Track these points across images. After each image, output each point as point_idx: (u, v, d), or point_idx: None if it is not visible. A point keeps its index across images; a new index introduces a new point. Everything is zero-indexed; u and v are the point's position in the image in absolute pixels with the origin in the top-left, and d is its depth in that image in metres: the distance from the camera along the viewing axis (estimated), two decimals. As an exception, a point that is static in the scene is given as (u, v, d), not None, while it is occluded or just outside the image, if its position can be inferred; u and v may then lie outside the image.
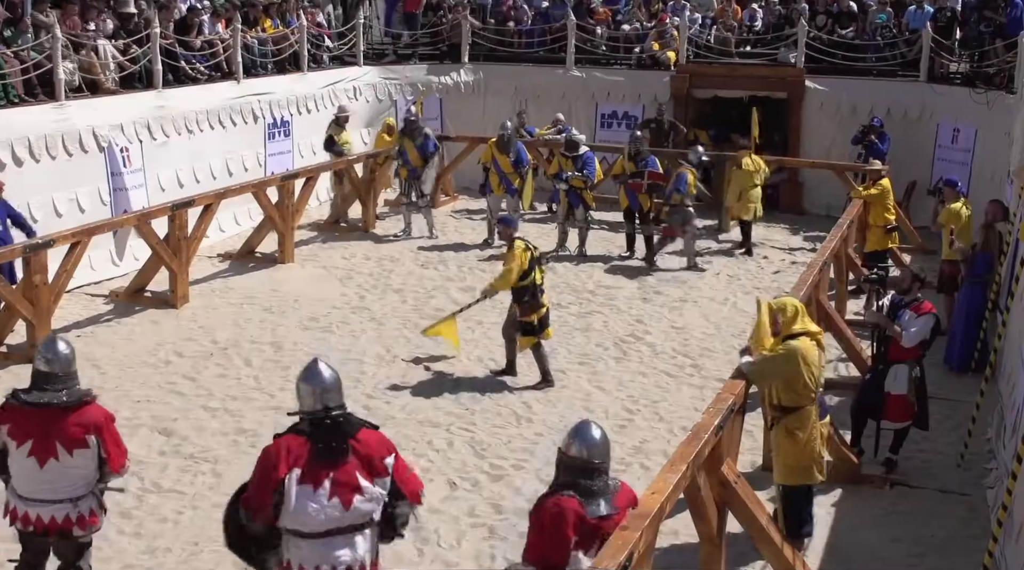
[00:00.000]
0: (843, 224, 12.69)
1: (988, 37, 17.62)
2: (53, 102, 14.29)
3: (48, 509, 6.09)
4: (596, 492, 5.17)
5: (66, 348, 6.19)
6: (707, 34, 21.06)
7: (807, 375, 7.30)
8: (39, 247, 11.45)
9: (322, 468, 5.29)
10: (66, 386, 6.11)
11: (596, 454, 5.22)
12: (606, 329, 12.94)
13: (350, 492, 5.32)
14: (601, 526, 5.10)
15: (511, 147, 16.48)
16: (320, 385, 5.43)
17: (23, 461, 6.03)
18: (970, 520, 8.40)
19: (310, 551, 5.35)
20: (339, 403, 5.47)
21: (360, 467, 5.35)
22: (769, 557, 6.93)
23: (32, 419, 5.99)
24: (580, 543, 5.09)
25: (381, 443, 5.48)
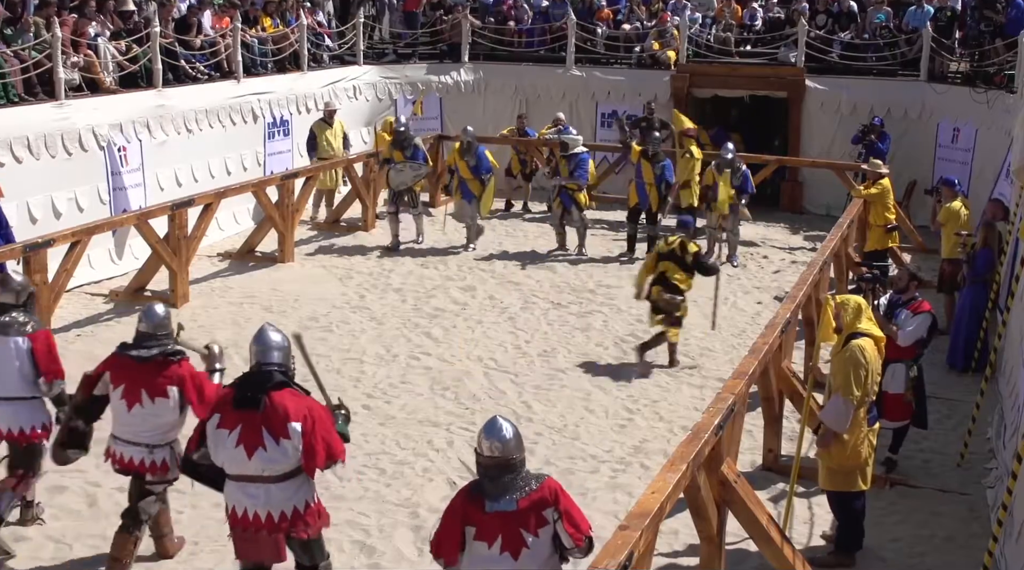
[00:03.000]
0: (843, 223, 12.69)
1: (988, 36, 17.62)
2: (53, 101, 14.28)
3: (129, 450, 7.08)
4: (502, 488, 5.30)
5: (162, 312, 7.16)
6: (707, 33, 21.06)
7: (867, 377, 7.35)
8: (39, 246, 11.44)
9: (235, 417, 5.96)
10: (159, 344, 7.04)
11: (499, 452, 5.33)
12: (606, 329, 12.94)
13: (253, 444, 5.91)
14: (504, 520, 5.24)
15: (472, 153, 16.14)
16: (259, 344, 6.10)
17: (117, 403, 7.03)
18: (970, 520, 8.40)
19: (230, 490, 6.12)
20: (276, 362, 6.08)
21: (266, 423, 5.91)
22: (769, 557, 6.92)
23: (127, 368, 6.99)
24: (481, 533, 5.27)
25: (295, 409, 5.94)
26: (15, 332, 7.51)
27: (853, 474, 7.52)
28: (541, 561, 5.32)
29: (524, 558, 5.27)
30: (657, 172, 15.77)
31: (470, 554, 5.35)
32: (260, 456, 5.94)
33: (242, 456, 5.96)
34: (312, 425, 5.97)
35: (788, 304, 9.22)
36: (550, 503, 5.30)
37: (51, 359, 7.56)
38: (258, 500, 6.02)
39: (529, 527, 5.26)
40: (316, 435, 5.97)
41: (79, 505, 8.31)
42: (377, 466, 9.10)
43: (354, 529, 8.04)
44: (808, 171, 19.27)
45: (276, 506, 6.04)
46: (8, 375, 7.47)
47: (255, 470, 5.97)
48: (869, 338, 7.49)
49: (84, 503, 8.34)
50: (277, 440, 5.92)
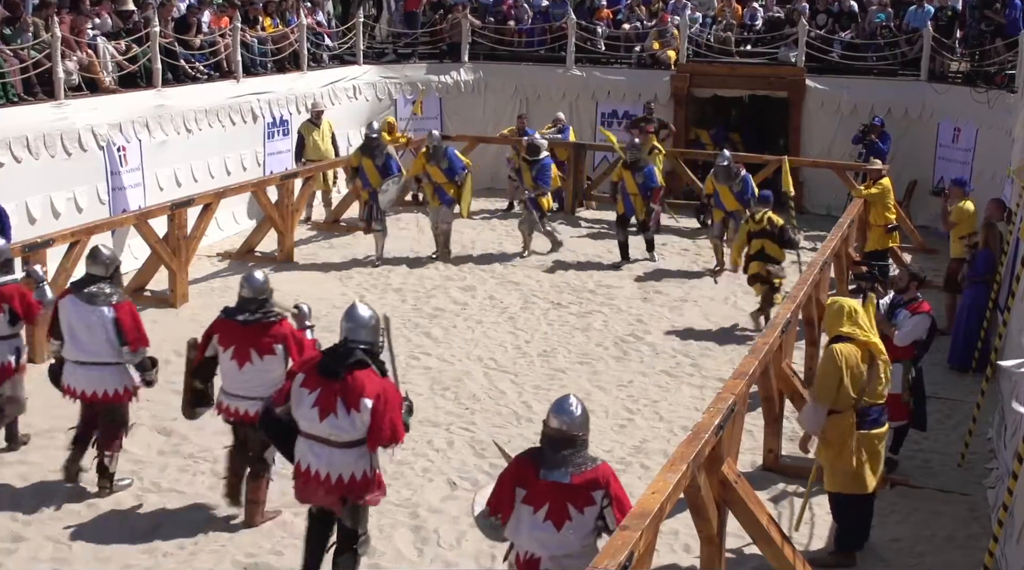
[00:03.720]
0: (844, 223, 12.68)
1: (988, 36, 17.61)
2: (52, 101, 14.27)
3: (243, 403, 7.72)
4: (559, 461, 5.58)
5: (261, 277, 7.88)
6: (707, 33, 21.05)
7: (846, 379, 7.31)
8: (38, 246, 11.43)
9: (317, 381, 6.51)
10: (260, 307, 7.74)
11: (565, 425, 5.66)
12: (606, 329, 12.93)
13: (327, 409, 6.44)
14: (554, 490, 5.52)
15: (441, 156, 15.49)
16: (349, 321, 6.64)
17: (228, 363, 7.72)
18: (970, 520, 8.40)
19: (300, 445, 6.63)
20: (362, 340, 6.57)
21: (342, 394, 6.43)
22: (769, 557, 6.91)
23: (235, 331, 7.69)
24: (530, 498, 5.58)
25: (371, 387, 6.44)
26: (102, 302, 8.17)
27: (848, 477, 7.50)
28: (580, 537, 5.55)
29: (564, 530, 5.52)
30: (639, 180, 15.54)
31: (516, 516, 5.63)
32: (330, 421, 6.47)
33: (315, 417, 6.49)
34: (383, 405, 6.46)
35: (788, 304, 9.22)
36: (601, 486, 5.54)
37: (135, 328, 8.26)
38: (321, 460, 6.54)
39: (576, 503, 5.51)
40: (385, 415, 6.46)
41: (78, 505, 8.30)
42: (377, 466, 9.08)
43: (354, 529, 8.03)
44: (808, 171, 19.24)
45: (336, 469, 6.53)
46: (95, 342, 8.16)
47: (324, 432, 6.51)
48: (851, 343, 7.42)
49: (83, 503, 8.33)
50: (348, 411, 6.44)
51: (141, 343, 8.28)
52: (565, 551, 5.53)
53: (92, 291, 8.20)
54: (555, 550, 5.55)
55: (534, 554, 5.60)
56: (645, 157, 16.05)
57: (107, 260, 8.42)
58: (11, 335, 8.81)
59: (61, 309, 8.30)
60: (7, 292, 8.72)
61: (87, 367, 8.21)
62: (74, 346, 8.23)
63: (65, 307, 8.27)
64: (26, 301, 8.82)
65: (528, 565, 5.62)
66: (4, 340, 8.75)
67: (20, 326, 8.85)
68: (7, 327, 8.73)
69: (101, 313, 8.14)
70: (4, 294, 8.70)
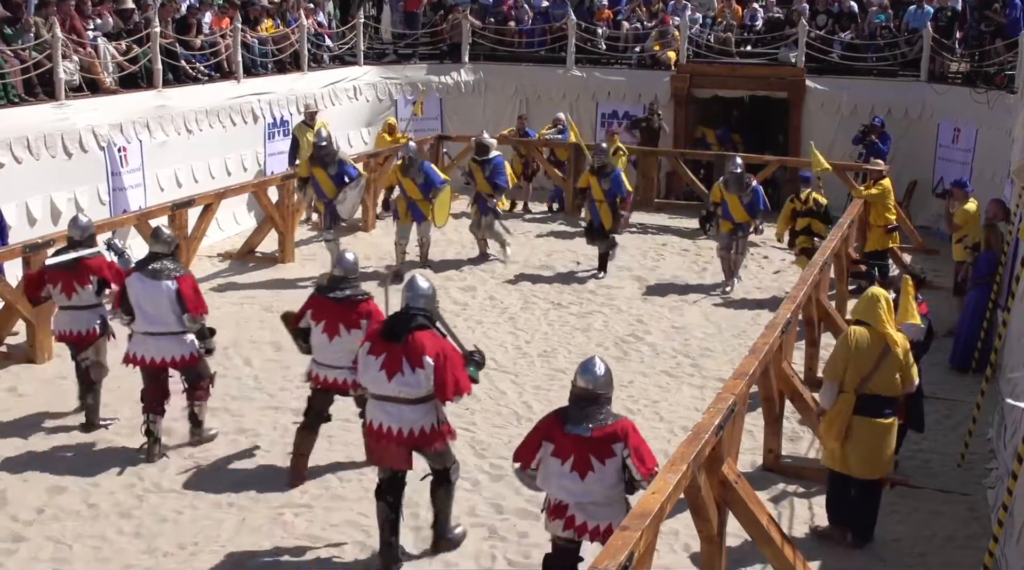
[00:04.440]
0: (844, 224, 12.68)
1: (988, 37, 17.61)
2: (53, 101, 14.28)
3: (332, 372, 8.42)
4: (583, 417, 6.22)
5: (352, 259, 8.61)
6: (707, 34, 21.06)
7: (845, 360, 7.60)
8: (39, 247, 11.43)
9: (382, 346, 7.16)
10: (350, 286, 8.46)
11: (589, 384, 6.32)
12: (606, 329, 12.93)
13: (393, 370, 7.08)
14: (577, 443, 6.14)
15: (416, 169, 14.67)
16: (410, 291, 7.36)
17: (319, 336, 8.37)
18: (970, 520, 8.40)
19: (370, 407, 7.29)
20: (421, 307, 7.26)
21: (405, 354, 7.04)
22: (770, 557, 6.92)
23: (326, 306, 8.37)
24: (557, 451, 6.20)
25: (431, 346, 7.11)
26: (166, 277, 8.98)
27: (830, 453, 7.86)
28: (605, 487, 6.15)
29: (589, 480, 6.12)
30: (605, 186, 14.79)
31: (545, 468, 6.28)
32: (397, 380, 7.09)
33: (383, 379, 7.12)
34: (444, 362, 7.10)
35: (788, 304, 9.21)
36: (620, 439, 6.13)
37: (196, 298, 9.12)
38: (392, 417, 7.16)
39: (598, 455, 6.11)
40: (447, 370, 7.10)
41: (78, 505, 8.31)
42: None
43: (355, 529, 8.03)
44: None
45: (407, 424, 7.15)
46: (161, 313, 8.96)
47: (392, 392, 7.12)
48: (867, 329, 7.61)
49: (83, 503, 8.35)
50: (414, 369, 7.07)
51: (200, 311, 9.10)
52: (590, 499, 6.16)
53: (156, 267, 9.00)
54: (580, 497, 6.19)
55: (562, 501, 6.26)
56: (612, 162, 15.49)
57: (168, 239, 9.25)
58: (96, 304, 9.74)
59: (129, 287, 9.05)
60: (95, 264, 9.70)
61: (156, 337, 9.01)
62: (143, 319, 9.00)
63: (132, 284, 9.04)
64: (115, 270, 9.73)
65: (556, 510, 6.30)
66: (90, 308, 9.70)
67: (104, 296, 9.74)
68: (93, 296, 9.69)
69: (166, 286, 8.95)
70: (92, 266, 9.68)
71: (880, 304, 7.69)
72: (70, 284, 9.59)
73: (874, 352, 7.58)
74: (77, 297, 9.63)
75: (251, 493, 8.58)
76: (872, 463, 7.77)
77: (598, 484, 6.13)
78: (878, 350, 7.59)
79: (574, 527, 6.23)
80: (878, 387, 7.61)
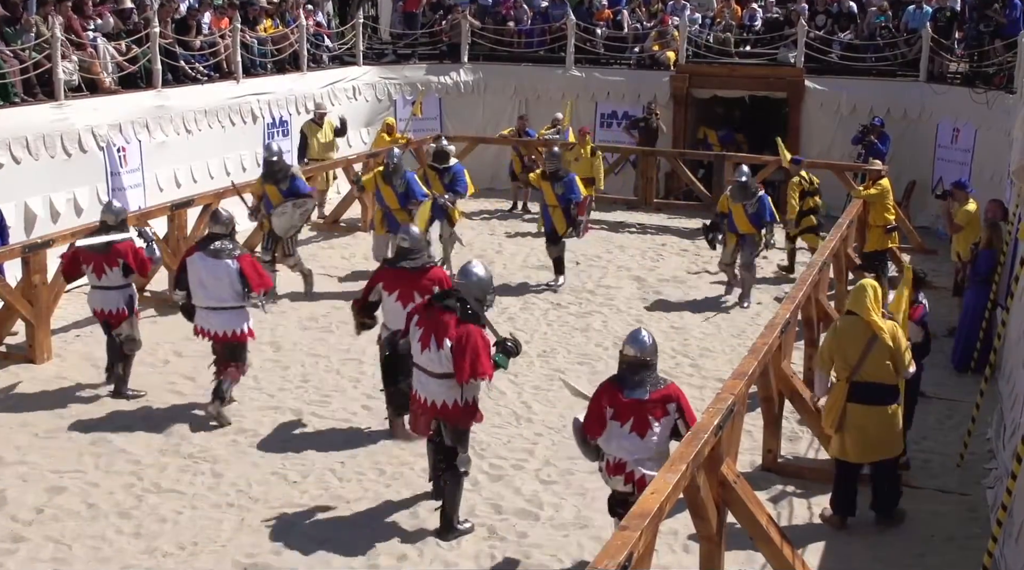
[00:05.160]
0: (843, 224, 12.68)
1: (988, 37, 17.62)
2: (52, 102, 14.28)
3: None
4: (638, 382, 6.92)
5: (416, 231, 9.27)
6: (706, 34, 21.07)
7: (831, 348, 7.96)
8: (38, 247, 11.44)
9: (425, 323, 7.72)
10: (419, 256, 9.02)
11: (639, 352, 6.99)
12: (606, 329, 12.93)
13: (425, 344, 7.65)
14: (636, 406, 6.85)
15: (399, 178, 13.63)
16: (461, 277, 7.84)
17: (393, 305, 8.96)
18: (970, 520, 8.40)
19: (414, 376, 7.85)
20: (467, 295, 7.68)
21: (435, 332, 7.61)
22: (768, 557, 6.92)
23: (399, 277, 8.95)
24: (618, 415, 6.88)
25: (453, 330, 7.55)
26: (227, 256, 9.66)
27: (827, 440, 8.23)
28: (659, 443, 6.90)
29: (647, 438, 6.85)
30: (559, 191, 14.21)
31: (608, 431, 6.91)
32: (426, 354, 7.67)
33: (418, 349, 7.74)
34: (464, 345, 7.51)
35: (788, 304, 9.21)
36: (673, 399, 6.93)
37: (258, 274, 9.83)
38: (422, 386, 7.78)
39: (655, 415, 6.86)
40: (465, 354, 7.50)
41: (78, 505, 8.32)
42: (377, 466, 9.10)
43: (355, 529, 8.03)
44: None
45: (430, 395, 7.71)
46: (223, 290, 9.64)
47: (423, 363, 7.73)
48: (856, 319, 7.86)
49: (83, 504, 8.35)
50: (439, 347, 7.59)
51: (262, 286, 9.86)
52: (646, 455, 6.86)
53: (217, 247, 9.68)
54: (638, 454, 6.87)
55: (621, 459, 6.93)
56: (566, 167, 14.84)
57: (226, 220, 9.94)
58: (124, 285, 10.36)
59: (190, 265, 9.71)
60: (122, 248, 10.25)
61: (217, 311, 9.72)
62: (205, 295, 9.69)
63: (194, 263, 9.70)
64: (139, 257, 10.31)
65: (616, 468, 6.96)
66: (118, 289, 10.33)
67: (132, 277, 10.40)
68: (121, 278, 10.29)
69: (227, 266, 9.63)
70: (120, 250, 10.24)
71: (867, 293, 7.90)
72: (100, 265, 10.21)
73: (861, 340, 7.80)
74: (107, 278, 10.25)
75: (250, 493, 8.58)
76: (869, 447, 7.98)
77: (656, 441, 6.88)
78: (865, 338, 7.80)
79: (633, 482, 6.86)
80: (870, 374, 7.81)
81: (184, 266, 9.83)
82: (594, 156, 17.34)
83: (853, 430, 7.93)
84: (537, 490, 8.74)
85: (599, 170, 17.61)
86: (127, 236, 10.43)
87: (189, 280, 9.74)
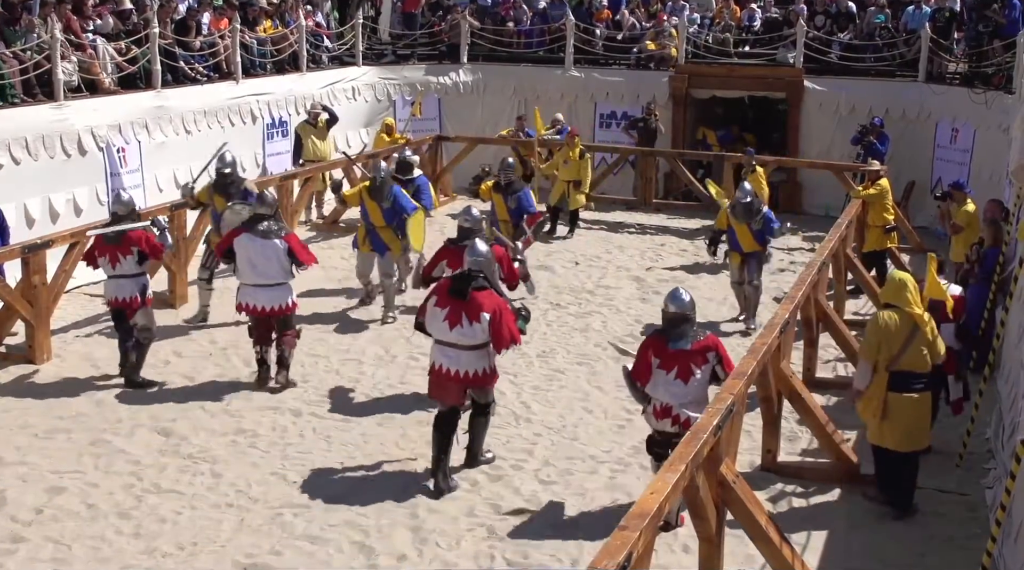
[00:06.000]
0: (842, 224, 12.68)
1: (986, 37, 17.63)
2: (52, 102, 14.28)
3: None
4: (680, 335, 7.80)
5: (477, 213, 10.13)
6: (706, 34, 21.07)
7: (878, 342, 8.13)
8: (38, 248, 11.45)
9: (447, 300, 8.45)
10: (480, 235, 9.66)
11: (680, 308, 7.88)
12: (605, 329, 12.93)
13: (454, 321, 8.37)
14: (681, 355, 7.72)
15: (386, 194, 12.61)
16: (471, 255, 8.59)
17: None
18: (969, 520, 8.40)
19: (435, 351, 8.62)
20: (479, 270, 8.48)
21: (466, 309, 8.34)
22: (768, 557, 6.92)
23: (461, 255, 9.03)
24: (664, 364, 7.76)
25: (488, 304, 8.36)
26: (275, 236, 10.37)
27: (872, 429, 8.39)
28: (701, 388, 7.77)
29: (691, 384, 7.73)
30: (511, 205, 13.50)
31: (654, 379, 7.81)
32: (457, 330, 8.37)
33: (446, 328, 8.41)
34: (500, 317, 8.37)
35: (787, 304, 9.22)
36: (712, 349, 7.80)
37: (306, 251, 10.62)
38: (452, 360, 8.46)
39: (696, 363, 7.73)
40: (502, 324, 8.38)
41: (78, 506, 8.32)
42: (376, 467, 9.10)
43: (353, 529, 8.04)
44: (807, 172, 19.26)
45: (463, 367, 8.46)
46: (273, 268, 10.34)
47: (453, 339, 8.41)
48: (896, 312, 8.12)
49: (83, 504, 8.35)
50: (471, 322, 8.33)
51: (310, 261, 10.64)
52: (689, 399, 7.69)
53: (264, 228, 10.35)
54: (681, 399, 7.72)
55: (667, 403, 7.80)
56: (520, 179, 14.08)
57: (272, 201, 10.68)
58: (138, 273, 10.66)
59: (238, 245, 10.35)
60: (135, 237, 10.56)
61: (265, 288, 10.39)
62: (253, 273, 10.35)
63: (242, 243, 10.33)
64: (151, 243, 10.61)
65: (663, 411, 7.83)
66: (132, 278, 10.63)
67: (146, 266, 10.72)
68: (135, 266, 10.62)
69: (275, 245, 10.33)
70: (133, 238, 10.55)
71: (908, 286, 8.22)
72: (115, 255, 10.54)
73: (904, 332, 8.11)
74: (120, 266, 10.58)
75: (250, 493, 8.58)
76: (909, 437, 8.27)
77: (697, 386, 7.73)
78: (908, 330, 8.12)
79: (679, 423, 7.63)
80: (908, 364, 8.14)
81: (230, 246, 10.45)
82: (583, 159, 17.28)
83: (896, 419, 8.22)
84: (536, 490, 8.74)
85: (587, 173, 17.47)
86: (143, 225, 10.75)
87: (238, 259, 10.40)
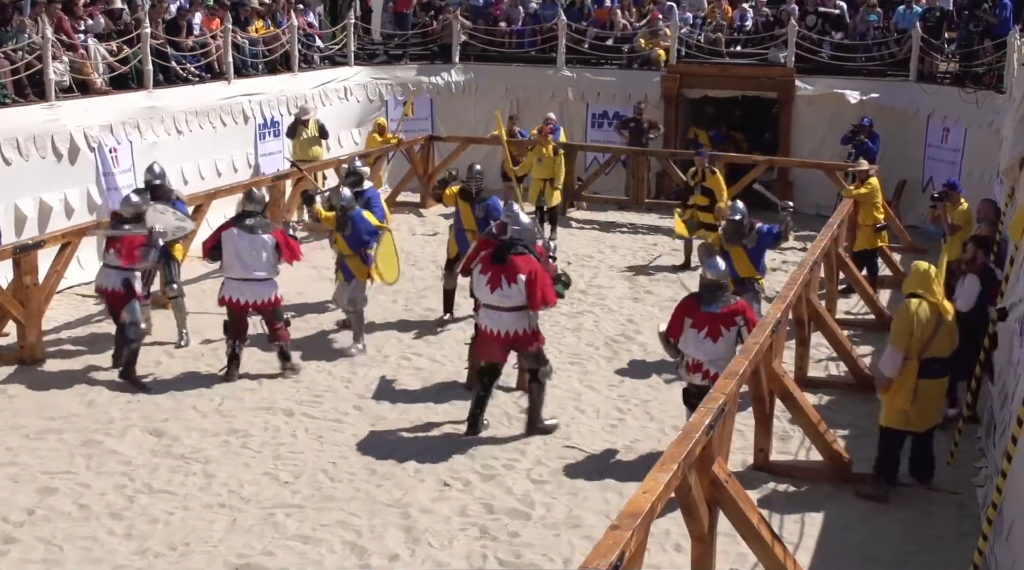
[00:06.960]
0: (833, 223, 12.70)
1: (977, 37, 17.66)
2: (43, 102, 14.25)
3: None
4: (713, 299, 8.74)
5: (517, 208, 9.93)
6: (697, 34, 21.08)
7: (916, 330, 8.32)
8: (29, 248, 11.43)
9: (489, 266, 9.43)
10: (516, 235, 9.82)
11: (712, 275, 8.82)
12: (597, 329, 12.94)
13: (495, 285, 9.36)
14: (711, 317, 8.67)
15: (344, 222, 11.70)
16: (513, 224, 9.52)
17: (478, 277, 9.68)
18: (960, 518, 8.42)
19: (480, 314, 9.73)
20: (519, 238, 9.44)
21: (505, 273, 9.33)
22: (760, 556, 6.93)
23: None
24: (696, 324, 8.71)
25: (525, 267, 9.31)
26: (262, 231, 10.69)
27: (899, 414, 8.52)
28: (728, 347, 8.61)
29: (720, 343, 8.65)
30: (479, 214, 12.42)
31: (686, 337, 8.76)
32: (498, 292, 9.33)
33: (487, 291, 9.40)
34: (535, 278, 9.28)
35: (779, 304, 9.24)
36: (739, 313, 8.70)
37: (293, 247, 10.92)
38: (494, 321, 9.44)
39: (726, 325, 8.66)
40: (536, 285, 9.28)
41: (69, 506, 8.31)
42: (368, 467, 9.10)
43: (345, 530, 8.04)
44: (798, 171, 19.28)
45: (505, 327, 9.40)
46: (257, 262, 10.62)
47: (495, 301, 9.39)
48: (918, 298, 8.40)
49: (74, 505, 8.34)
50: (510, 284, 9.28)
51: (296, 258, 10.96)
52: (718, 356, 8.55)
53: (252, 223, 10.68)
54: (711, 356, 8.65)
55: (698, 359, 8.73)
56: (488, 190, 13.15)
57: (260, 199, 11.06)
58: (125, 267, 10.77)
59: (226, 240, 10.63)
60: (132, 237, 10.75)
61: (251, 282, 10.69)
62: (241, 267, 10.63)
63: (231, 237, 10.63)
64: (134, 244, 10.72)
65: (695, 367, 8.77)
66: (116, 269, 10.80)
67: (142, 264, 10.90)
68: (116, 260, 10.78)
69: (263, 240, 10.64)
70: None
71: (932, 276, 8.49)
72: (112, 244, 10.88)
73: (932, 321, 8.38)
74: (109, 257, 10.89)
75: (242, 494, 8.58)
76: (929, 417, 8.65)
77: (724, 345, 8.61)
78: (935, 318, 8.40)
79: (709, 377, 8.35)
80: (936, 350, 8.42)
81: (218, 241, 10.70)
82: (557, 155, 17.16)
83: (925, 402, 8.49)
84: (529, 490, 8.75)
85: (561, 169, 17.12)
86: (142, 230, 10.85)
87: (224, 254, 10.66)
